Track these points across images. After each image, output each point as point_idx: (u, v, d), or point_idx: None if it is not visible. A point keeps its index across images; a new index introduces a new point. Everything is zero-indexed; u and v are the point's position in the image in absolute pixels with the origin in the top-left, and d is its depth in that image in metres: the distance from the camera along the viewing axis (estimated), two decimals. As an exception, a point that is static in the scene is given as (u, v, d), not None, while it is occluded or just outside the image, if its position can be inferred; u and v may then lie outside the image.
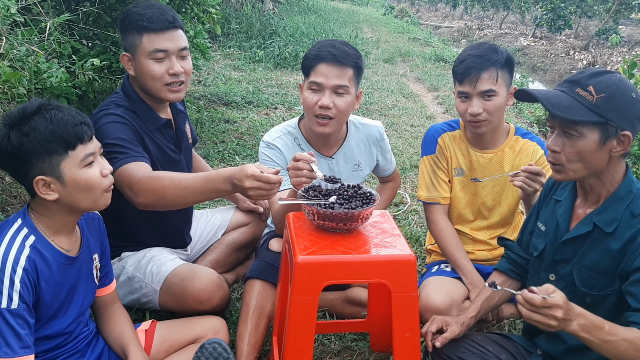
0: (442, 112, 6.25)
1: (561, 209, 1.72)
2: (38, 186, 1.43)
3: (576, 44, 12.64)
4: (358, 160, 2.31)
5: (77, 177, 1.45)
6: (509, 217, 2.37)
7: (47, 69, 2.38)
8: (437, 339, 1.80)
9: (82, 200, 1.49)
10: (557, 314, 1.38)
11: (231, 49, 7.95)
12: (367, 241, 1.64)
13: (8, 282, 1.37)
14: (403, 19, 18.68)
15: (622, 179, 1.59)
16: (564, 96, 1.55)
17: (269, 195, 1.61)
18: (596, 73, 1.54)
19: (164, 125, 2.11)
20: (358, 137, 2.30)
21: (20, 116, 1.41)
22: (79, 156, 1.45)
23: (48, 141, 1.40)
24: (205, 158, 4.02)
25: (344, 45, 2.06)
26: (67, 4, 3.21)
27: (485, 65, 2.07)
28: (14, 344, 1.36)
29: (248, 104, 5.51)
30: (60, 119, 1.42)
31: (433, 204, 2.33)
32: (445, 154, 2.31)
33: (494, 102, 2.10)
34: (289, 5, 12.47)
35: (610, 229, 1.57)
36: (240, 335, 1.96)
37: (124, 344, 1.69)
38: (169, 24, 1.96)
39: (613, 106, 1.49)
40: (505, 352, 1.82)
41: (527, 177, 1.98)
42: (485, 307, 1.90)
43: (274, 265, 2.07)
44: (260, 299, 2.01)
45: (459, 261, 2.24)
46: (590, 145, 1.52)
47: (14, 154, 1.40)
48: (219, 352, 1.62)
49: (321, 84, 2.03)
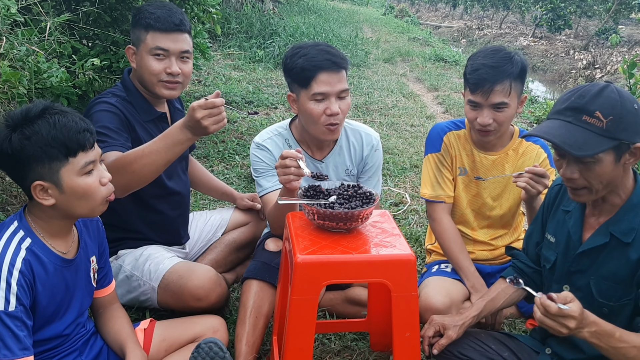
0: (442, 112, 6.25)
1: (572, 219, 1.70)
2: (35, 191, 1.42)
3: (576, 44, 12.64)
4: (348, 165, 2.25)
5: (76, 184, 1.43)
6: (510, 218, 2.36)
7: (48, 68, 2.38)
8: (435, 347, 1.79)
9: (79, 208, 1.47)
10: (570, 324, 1.41)
11: (231, 48, 7.95)
12: (367, 241, 1.64)
13: (5, 285, 1.36)
14: (403, 18, 18.67)
15: (634, 187, 1.59)
16: (574, 128, 1.49)
17: (222, 118, 1.70)
18: (595, 94, 1.48)
19: (158, 118, 2.16)
20: (350, 141, 2.25)
21: (23, 118, 1.39)
22: (79, 164, 1.43)
23: (49, 146, 1.38)
24: (205, 158, 4.02)
25: (331, 48, 2.05)
26: (67, 4, 3.21)
27: (499, 78, 2.02)
28: (13, 346, 1.35)
29: (248, 103, 5.51)
30: (63, 125, 1.40)
31: (437, 202, 2.30)
32: (451, 152, 2.29)
33: (504, 114, 2.09)
34: (289, 5, 12.47)
35: (629, 239, 1.56)
36: (239, 335, 1.96)
37: (122, 342, 1.68)
38: (175, 26, 2.04)
39: (623, 126, 1.47)
40: (508, 350, 1.81)
41: (531, 178, 1.97)
42: (488, 308, 1.88)
43: (270, 265, 2.07)
44: (258, 299, 2.01)
45: (461, 263, 2.22)
46: (607, 167, 1.51)
47: (14, 156, 1.39)
48: (215, 352, 1.62)
49: (326, 93, 1.99)
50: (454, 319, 1.85)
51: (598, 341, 1.45)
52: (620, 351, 1.45)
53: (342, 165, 2.24)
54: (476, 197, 2.32)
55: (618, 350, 1.45)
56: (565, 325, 1.41)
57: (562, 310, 1.40)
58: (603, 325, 1.45)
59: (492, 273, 2.33)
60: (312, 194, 1.75)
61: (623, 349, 1.45)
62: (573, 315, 1.40)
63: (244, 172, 3.82)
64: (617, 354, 1.46)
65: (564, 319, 1.41)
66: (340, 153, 2.23)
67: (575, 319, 1.40)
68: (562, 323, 1.41)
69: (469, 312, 1.87)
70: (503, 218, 2.35)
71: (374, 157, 2.26)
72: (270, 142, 2.18)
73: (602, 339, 1.44)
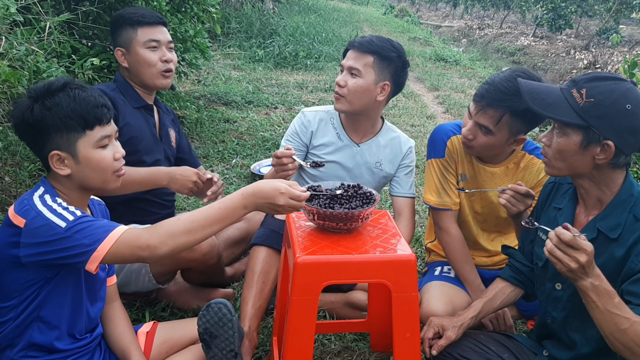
0: (442, 112, 6.24)
1: (562, 217, 1.70)
2: (52, 160, 1.47)
3: (577, 44, 12.62)
4: (381, 159, 2.35)
5: (90, 156, 1.49)
6: (507, 225, 2.32)
7: (47, 68, 2.37)
8: (433, 347, 1.79)
9: (92, 179, 1.52)
10: (581, 259, 1.37)
11: (231, 48, 7.94)
12: (367, 241, 1.64)
13: (58, 207, 1.42)
14: (403, 18, 18.66)
15: (622, 184, 1.58)
16: (557, 94, 1.55)
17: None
18: (598, 77, 1.52)
19: (145, 107, 2.30)
20: (387, 139, 2.37)
21: (45, 91, 1.45)
22: (95, 137, 1.49)
23: (69, 118, 1.44)
24: (205, 158, 4.02)
25: (377, 38, 2.20)
26: (67, 4, 3.21)
27: (495, 103, 1.92)
28: (106, 225, 1.42)
29: (248, 103, 5.51)
30: (83, 99, 1.46)
31: (444, 210, 2.23)
32: (454, 158, 2.21)
33: (486, 139, 2.00)
34: (289, 5, 12.47)
35: (615, 235, 1.55)
36: (245, 298, 2.04)
37: (124, 348, 1.69)
38: (159, 19, 2.28)
39: (598, 113, 1.48)
40: (508, 351, 1.81)
41: (512, 196, 1.86)
42: (486, 308, 1.88)
43: (279, 232, 2.12)
44: (266, 264, 2.09)
45: (466, 275, 2.19)
46: (570, 146, 1.53)
47: (35, 125, 1.44)
48: (223, 313, 1.64)
49: (342, 65, 2.23)
50: (452, 320, 1.84)
51: (597, 298, 1.41)
52: (613, 318, 1.41)
53: (376, 156, 2.35)
54: (474, 203, 2.28)
55: (612, 315, 1.41)
56: (576, 258, 1.37)
57: (575, 240, 1.36)
58: (606, 284, 1.43)
59: (491, 279, 2.30)
60: (312, 194, 1.74)
61: (617, 316, 1.41)
62: (585, 249, 1.36)
63: (244, 172, 3.82)
64: (609, 321, 1.42)
65: (575, 252, 1.37)
66: (377, 144, 2.35)
67: (587, 254, 1.36)
68: (572, 256, 1.37)
69: (468, 313, 1.86)
70: (503, 224, 2.32)
71: (410, 157, 2.40)
72: (314, 115, 2.36)
73: (601, 297, 1.41)
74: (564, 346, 1.71)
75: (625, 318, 1.41)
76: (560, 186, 1.79)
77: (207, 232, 1.48)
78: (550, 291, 1.72)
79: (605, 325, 1.43)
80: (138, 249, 1.41)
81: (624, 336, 1.41)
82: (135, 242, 1.41)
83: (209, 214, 1.48)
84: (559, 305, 1.70)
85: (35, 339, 1.48)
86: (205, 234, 1.48)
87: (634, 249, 1.52)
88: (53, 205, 1.42)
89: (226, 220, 1.49)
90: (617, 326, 1.41)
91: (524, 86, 1.62)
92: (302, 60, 7.75)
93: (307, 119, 2.34)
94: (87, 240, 1.38)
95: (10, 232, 1.41)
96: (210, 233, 1.49)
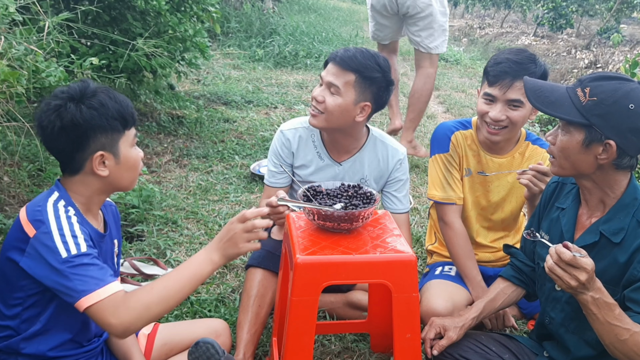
0: (443, 112, 6.23)
1: (565, 217, 1.69)
2: (95, 162, 1.45)
3: (578, 43, 12.61)
4: (366, 175, 2.21)
5: (129, 155, 1.51)
6: (512, 221, 2.34)
7: (46, 68, 2.37)
8: (435, 347, 1.78)
9: (126, 179, 1.53)
10: (581, 277, 1.37)
11: (231, 47, 7.93)
12: (368, 241, 1.63)
13: (68, 231, 1.38)
14: (403, 18, 18.63)
15: (626, 187, 1.57)
16: (561, 92, 1.55)
17: None
18: (604, 77, 1.51)
19: None
20: (374, 153, 2.20)
21: (82, 93, 1.44)
22: (131, 135, 1.52)
23: (113, 118, 1.45)
24: (205, 158, 4.01)
25: (361, 54, 2.00)
26: (66, 3, 3.20)
27: (520, 74, 1.99)
28: (101, 275, 1.38)
29: (248, 103, 5.50)
30: (121, 100, 1.48)
31: (449, 204, 2.24)
32: (458, 152, 2.25)
33: (518, 113, 2.07)
34: (288, 4, 12.46)
35: (618, 239, 1.54)
36: (241, 323, 1.99)
37: (125, 351, 1.68)
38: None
39: (600, 112, 1.47)
40: (508, 352, 1.80)
41: (534, 175, 1.96)
42: (488, 308, 1.87)
43: (275, 254, 2.06)
44: (262, 287, 2.03)
45: (467, 271, 2.19)
46: (573, 145, 1.52)
47: (83, 126, 1.42)
48: (211, 353, 1.64)
49: (322, 78, 2.05)
50: (454, 320, 1.84)
51: (597, 310, 1.41)
52: (613, 329, 1.42)
53: (359, 172, 2.20)
54: (479, 199, 2.29)
55: (612, 327, 1.42)
56: (576, 277, 1.37)
57: (576, 259, 1.36)
58: (607, 296, 1.43)
59: (494, 276, 2.30)
60: (313, 194, 1.73)
61: (617, 327, 1.41)
62: (585, 268, 1.36)
63: (244, 172, 3.81)
64: (609, 332, 1.42)
65: (575, 270, 1.37)
66: (361, 160, 2.19)
67: (587, 273, 1.36)
68: (572, 274, 1.37)
69: (469, 313, 1.85)
70: (505, 221, 2.33)
71: (400, 171, 2.22)
72: (293, 132, 2.19)
73: (601, 309, 1.41)
74: (563, 348, 1.70)
75: (625, 329, 1.42)
76: (564, 186, 1.78)
77: (180, 297, 1.44)
78: (550, 291, 1.72)
79: (606, 336, 1.45)
80: (108, 326, 1.36)
81: (624, 346, 1.43)
82: (113, 313, 1.35)
83: (177, 277, 1.44)
84: (557, 306, 1.70)
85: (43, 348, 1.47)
86: (179, 299, 1.44)
87: (636, 255, 1.51)
88: (64, 226, 1.38)
89: (196, 279, 1.45)
90: (617, 337, 1.42)
91: (528, 84, 1.62)
92: (302, 60, 7.74)
93: (286, 137, 2.18)
94: (78, 285, 1.35)
95: (19, 236, 1.40)
96: (183, 297, 1.45)
